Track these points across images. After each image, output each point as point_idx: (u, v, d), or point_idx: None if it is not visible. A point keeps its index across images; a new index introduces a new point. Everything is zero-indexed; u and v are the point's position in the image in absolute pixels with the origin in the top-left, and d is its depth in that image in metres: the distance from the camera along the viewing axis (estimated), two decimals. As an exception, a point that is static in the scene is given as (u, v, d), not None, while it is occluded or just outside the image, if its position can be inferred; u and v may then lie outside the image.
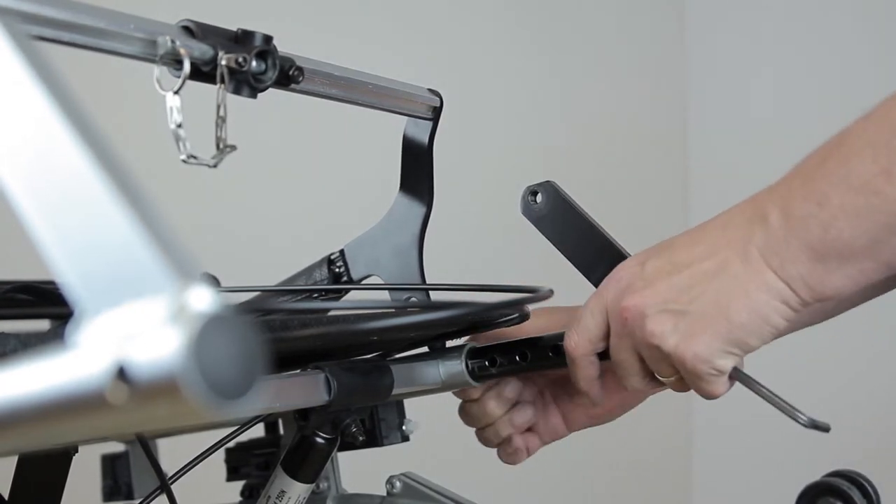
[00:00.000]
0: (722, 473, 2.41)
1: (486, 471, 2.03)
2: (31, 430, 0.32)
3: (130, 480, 0.96)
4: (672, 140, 2.47)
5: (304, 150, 1.87)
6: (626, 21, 2.41)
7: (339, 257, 0.85)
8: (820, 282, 0.64)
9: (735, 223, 0.67)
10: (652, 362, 0.70)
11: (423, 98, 0.81)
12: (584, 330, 0.73)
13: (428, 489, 0.84)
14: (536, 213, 0.78)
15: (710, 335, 0.66)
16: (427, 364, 0.77)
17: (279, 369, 0.68)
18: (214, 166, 0.58)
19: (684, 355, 0.67)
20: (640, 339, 0.69)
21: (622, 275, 0.71)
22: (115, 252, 0.30)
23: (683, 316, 0.67)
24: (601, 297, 0.73)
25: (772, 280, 0.65)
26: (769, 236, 0.65)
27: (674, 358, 0.68)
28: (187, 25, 0.59)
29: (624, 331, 0.70)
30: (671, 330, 0.67)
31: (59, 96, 0.35)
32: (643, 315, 0.68)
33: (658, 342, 0.68)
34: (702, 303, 0.67)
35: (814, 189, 0.64)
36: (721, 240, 0.67)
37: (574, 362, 0.74)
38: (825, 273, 0.64)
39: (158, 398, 0.28)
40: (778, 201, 0.65)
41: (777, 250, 0.64)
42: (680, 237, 0.71)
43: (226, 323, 0.28)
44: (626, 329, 0.70)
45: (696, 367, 0.67)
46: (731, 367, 0.68)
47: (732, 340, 0.66)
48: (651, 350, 0.69)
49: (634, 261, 0.72)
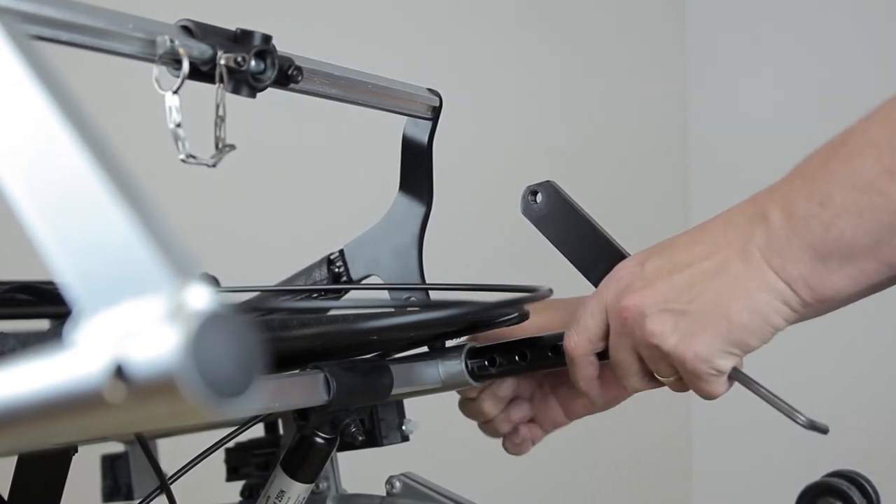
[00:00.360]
0: (722, 473, 2.41)
1: (486, 471, 2.03)
2: (30, 429, 0.32)
3: (130, 481, 0.96)
4: (672, 140, 2.47)
5: (303, 150, 1.87)
6: (626, 21, 2.41)
7: (338, 257, 0.85)
8: (821, 282, 0.64)
9: (736, 223, 0.67)
10: (651, 362, 0.70)
11: (422, 98, 0.81)
12: (584, 330, 0.73)
13: (428, 489, 0.84)
14: (536, 213, 0.78)
15: (710, 335, 0.66)
16: (426, 364, 0.77)
17: (278, 369, 0.68)
18: (213, 166, 0.58)
19: (684, 355, 0.67)
20: (640, 338, 0.69)
21: (622, 274, 0.71)
22: (113, 251, 0.30)
23: (683, 315, 0.67)
24: (601, 296, 0.72)
25: (772, 280, 0.65)
26: (770, 236, 0.65)
27: (673, 357, 0.68)
28: (186, 25, 0.59)
29: (623, 330, 0.70)
30: (671, 329, 0.67)
31: (59, 96, 0.35)
32: (643, 314, 0.68)
33: (658, 342, 0.68)
34: (702, 302, 0.67)
35: (816, 188, 0.63)
36: (721, 239, 0.67)
37: (574, 362, 0.74)
38: (826, 273, 0.63)
39: (156, 396, 0.28)
40: (779, 201, 0.65)
41: (778, 250, 0.64)
42: (680, 237, 0.71)
43: (224, 321, 0.28)
44: (626, 328, 0.70)
45: (695, 367, 0.67)
46: (731, 368, 0.68)
47: (732, 340, 0.66)
48: (650, 350, 0.69)
49: (634, 260, 0.72)
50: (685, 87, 2.48)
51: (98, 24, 0.53)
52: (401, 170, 0.83)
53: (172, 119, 0.55)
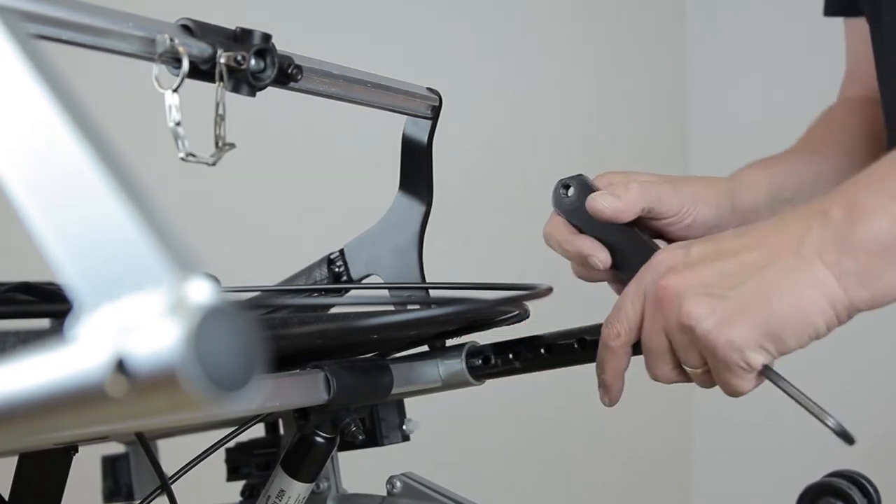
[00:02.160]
0: (722, 473, 2.41)
1: (486, 471, 2.03)
2: (32, 425, 0.32)
3: (131, 481, 0.97)
4: (672, 140, 2.47)
5: (303, 149, 1.87)
6: (626, 21, 2.42)
7: (338, 257, 0.85)
8: (876, 278, 0.62)
9: (789, 219, 0.66)
10: (681, 349, 0.67)
11: (422, 97, 0.81)
12: (625, 318, 0.70)
13: (428, 489, 0.84)
14: (568, 206, 0.78)
15: (747, 324, 0.64)
16: (426, 363, 0.77)
17: (278, 368, 0.68)
18: (213, 164, 0.58)
19: (717, 341, 0.64)
20: (675, 320, 0.66)
21: (663, 257, 0.69)
22: (114, 245, 0.30)
23: (723, 300, 0.65)
24: (640, 282, 0.70)
25: (822, 274, 0.63)
26: (827, 228, 0.63)
27: (705, 343, 0.65)
28: (186, 24, 0.59)
29: (658, 311, 0.68)
30: (707, 313, 0.65)
31: (60, 93, 0.35)
32: (680, 295, 0.66)
33: (693, 323, 0.65)
34: (744, 291, 0.64)
35: (886, 185, 0.63)
36: (773, 234, 0.65)
37: (612, 353, 0.71)
38: (885, 267, 0.62)
39: (157, 390, 0.28)
40: (842, 199, 0.64)
41: (835, 242, 0.63)
42: (727, 231, 0.70)
43: (225, 315, 0.28)
44: (661, 310, 0.67)
45: (726, 356, 0.65)
46: (762, 365, 0.66)
47: (769, 334, 0.64)
48: (683, 332, 0.66)
49: (677, 246, 0.70)
50: (685, 87, 2.48)
51: (98, 23, 0.53)
52: (401, 169, 0.83)
53: (172, 118, 0.55)
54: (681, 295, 0.66)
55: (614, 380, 0.73)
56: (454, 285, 0.82)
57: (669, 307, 0.67)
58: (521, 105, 2.22)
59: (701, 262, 0.67)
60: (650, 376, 0.71)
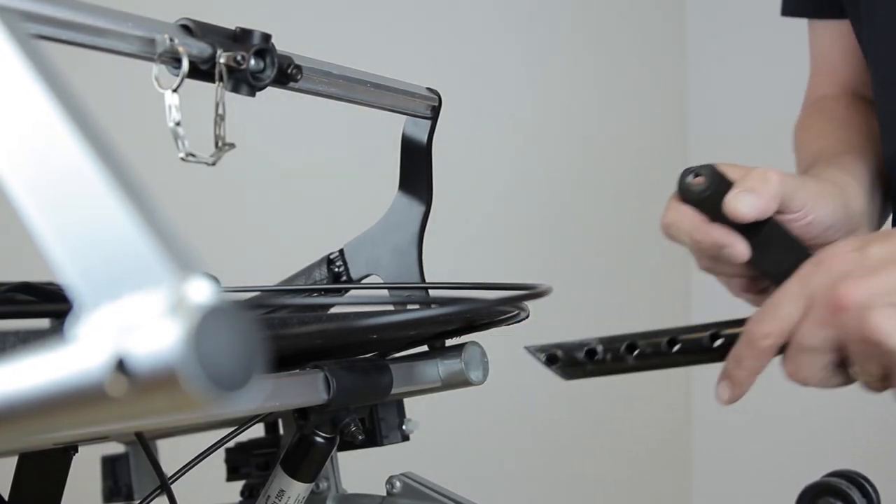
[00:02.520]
0: (722, 473, 2.41)
1: (486, 471, 2.03)
2: (32, 425, 0.32)
3: (131, 482, 0.97)
4: (672, 140, 2.47)
5: (303, 149, 1.87)
6: (626, 21, 2.42)
7: (338, 257, 0.85)
8: None
9: None
10: (860, 358, 0.63)
11: (421, 97, 0.81)
12: (783, 318, 0.65)
13: (428, 489, 0.84)
14: (697, 196, 0.72)
15: None
16: (426, 363, 0.77)
17: (278, 368, 0.68)
18: (213, 164, 0.58)
19: None
20: (856, 332, 0.61)
21: (834, 260, 0.64)
22: (114, 245, 0.31)
23: None
24: (805, 282, 0.65)
25: None
26: None
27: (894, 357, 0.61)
28: (186, 24, 0.59)
29: (832, 321, 0.62)
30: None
31: (60, 93, 0.35)
32: (867, 307, 0.61)
33: (882, 338, 0.60)
34: None
35: None
36: None
37: (759, 352, 0.66)
38: None
39: (157, 390, 0.28)
40: None
41: None
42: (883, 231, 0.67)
43: (225, 315, 0.28)
44: (837, 320, 0.62)
45: None
46: None
47: None
48: (867, 346, 0.61)
49: (849, 246, 0.65)
50: (685, 87, 2.48)
51: (98, 23, 0.53)
52: (400, 169, 0.83)
53: (172, 117, 0.55)
54: (864, 306, 0.61)
55: (750, 379, 0.67)
56: (454, 285, 0.82)
57: (849, 318, 0.62)
58: (519, 104, 2.22)
59: (882, 266, 0.62)
60: (788, 376, 0.67)
